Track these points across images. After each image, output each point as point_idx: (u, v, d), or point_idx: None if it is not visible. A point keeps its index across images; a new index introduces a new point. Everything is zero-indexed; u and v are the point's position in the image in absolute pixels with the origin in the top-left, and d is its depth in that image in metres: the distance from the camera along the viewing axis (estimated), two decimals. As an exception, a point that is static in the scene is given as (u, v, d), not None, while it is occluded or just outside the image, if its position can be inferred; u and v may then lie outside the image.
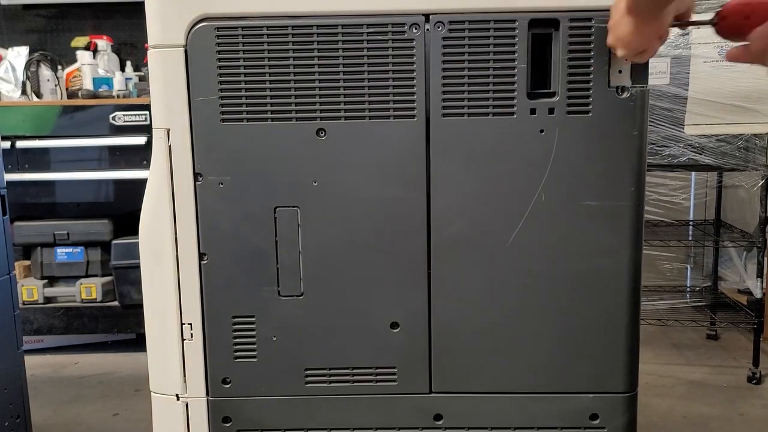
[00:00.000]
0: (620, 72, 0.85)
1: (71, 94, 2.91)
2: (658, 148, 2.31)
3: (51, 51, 3.06)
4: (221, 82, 0.86)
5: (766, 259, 2.46)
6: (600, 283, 0.89)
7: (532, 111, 0.86)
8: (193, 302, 0.91)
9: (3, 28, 3.26)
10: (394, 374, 0.92)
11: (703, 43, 2.22)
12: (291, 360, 0.92)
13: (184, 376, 0.93)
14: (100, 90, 2.88)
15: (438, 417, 0.93)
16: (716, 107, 2.22)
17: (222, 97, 0.87)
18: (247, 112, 0.87)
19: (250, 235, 0.90)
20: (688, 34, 2.22)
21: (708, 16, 0.75)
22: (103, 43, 3.03)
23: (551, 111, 0.86)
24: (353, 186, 0.88)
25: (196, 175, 0.89)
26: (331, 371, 0.93)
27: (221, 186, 0.88)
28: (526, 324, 0.90)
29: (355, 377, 0.93)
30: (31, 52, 2.98)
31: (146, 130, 2.65)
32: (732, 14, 0.73)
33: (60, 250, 2.78)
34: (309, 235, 0.89)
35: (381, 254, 0.89)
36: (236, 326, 0.92)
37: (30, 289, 2.76)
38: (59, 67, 2.98)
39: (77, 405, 2.31)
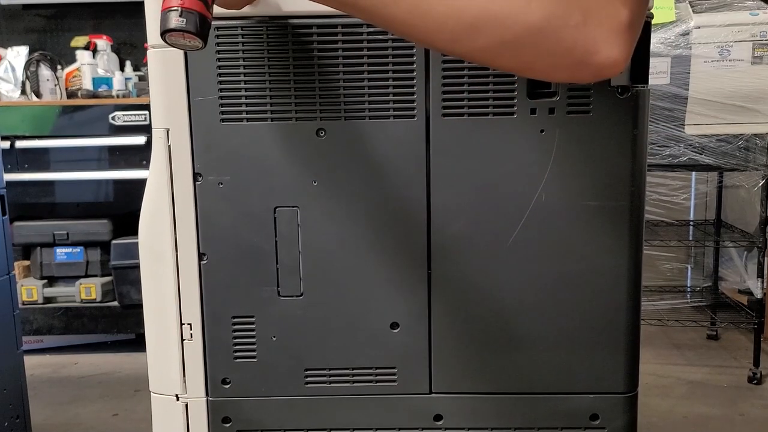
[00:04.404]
0: (620, 72, 0.85)
1: (71, 94, 2.91)
2: (658, 148, 2.31)
3: (50, 51, 3.06)
4: (221, 82, 0.86)
5: (766, 259, 2.46)
6: (600, 283, 0.89)
7: (532, 111, 0.86)
8: (193, 302, 0.91)
9: (3, 28, 3.26)
10: (394, 374, 0.92)
11: (704, 43, 2.22)
12: (291, 360, 0.92)
13: (184, 376, 0.93)
14: (99, 90, 2.89)
15: (438, 417, 0.93)
16: (717, 107, 2.23)
17: (222, 97, 0.87)
18: (247, 112, 0.87)
19: (249, 235, 0.89)
20: (689, 34, 2.22)
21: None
22: (102, 42, 3.04)
23: (551, 111, 0.86)
24: (353, 186, 0.88)
25: (196, 175, 0.88)
26: (331, 371, 0.93)
27: (221, 186, 0.88)
28: (526, 324, 0.90)
29: (355, 377, 0.92)
30: (30, 52, 2.98)
31: (146, 130, 2.66)
32: None
33: (59, 250, 2.78)
34: (309, 235, 0.89)
35: (381, 254, 0.89)
36: (236, 326, 0.91)
37: (29, 289, 2.76)
38: (59, 67, 2.98)
39: (77, 405, 2.31)
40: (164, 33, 0.68)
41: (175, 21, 0.67)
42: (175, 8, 0.67)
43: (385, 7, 0.61)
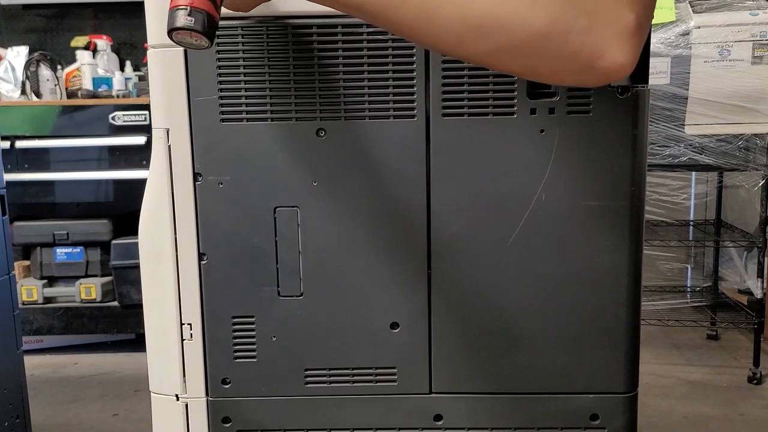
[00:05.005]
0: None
1: (71, 94, 2.91)
2: (658, 148, 2.31)
3: (51, 51, 3.06)
4: (221, 82, 0.86)
5: (766, 259, 2.46)
6: (600, 283, 0.89)
7: (532, 111, 0.86)
8: (193, 302, 0.91)
9: (3, 28, 3.26)
10: (394, 374, 0.92)
11: (704, 43, 2.21)
12: (291, 360, 0.92)
13: (184, 376, 0.93)
14: (99, 90, 2.88)
15: (438, 417, 0.93)
16: (717, 107, 2.23)
17: (222, 97, 0.87)
18: (247, 112, 0.87)
19: (250, 235, 0.89)
20: (689, 34, 2.22)
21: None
22: (102, 42, 3.04)
23: (551, 111, 0.86)
24: (353, 186, 0.88)
25: (196, 175, 0.88)
26: (331, 371, 0.93)
27: (221, 186, 0.88)
28: (526, 324, 0.90)
29: (355, 377, 0.92)
30: (30, 52, 2.98)
31: (146, 130, 2.66)
32: None
33: (59, 250, 2.78)
34: (309, 235, 0.89)
35: (381, 254, 0.89)
36: (236, 326, 0.91)
37: (29, 289, 2.76)
38: (59, 67, 2.98)
39: (77, 405, 2.31)
40: (171, 31, 0.68)
41: (183, 19, 0.67)
42: (184, 7, 0.67)
43: (392, 11, 0.61)
